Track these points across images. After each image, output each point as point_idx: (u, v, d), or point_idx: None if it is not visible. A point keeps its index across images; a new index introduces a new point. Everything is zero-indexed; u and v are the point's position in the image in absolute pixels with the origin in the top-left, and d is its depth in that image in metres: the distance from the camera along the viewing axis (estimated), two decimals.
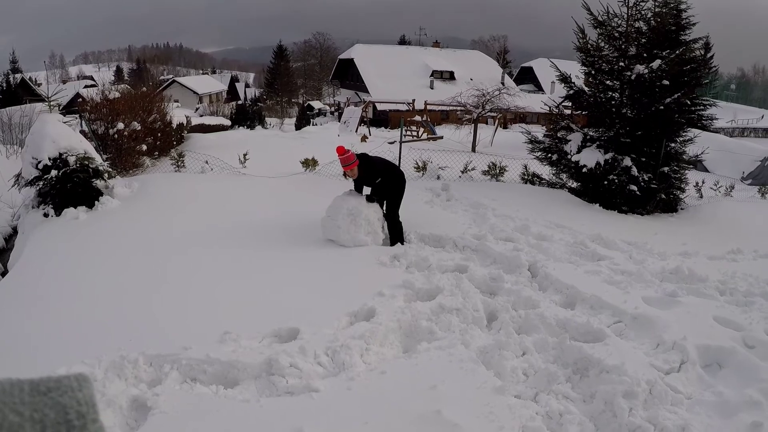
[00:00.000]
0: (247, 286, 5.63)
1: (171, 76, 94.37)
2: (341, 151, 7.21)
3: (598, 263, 6.70)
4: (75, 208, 8.28)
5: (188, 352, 4.14)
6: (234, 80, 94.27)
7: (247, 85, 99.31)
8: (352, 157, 7.19)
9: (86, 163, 8.56)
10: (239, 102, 60.53)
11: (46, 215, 8.13)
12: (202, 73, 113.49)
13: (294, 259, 6.53)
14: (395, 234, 7.43)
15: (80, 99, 20.53)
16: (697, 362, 4.39)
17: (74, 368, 4.04)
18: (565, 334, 4.62)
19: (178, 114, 23.67)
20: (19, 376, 0.64)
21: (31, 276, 6.15)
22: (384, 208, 7.58)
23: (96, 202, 8.55)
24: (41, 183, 8.33)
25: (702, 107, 23.23)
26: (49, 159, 8.29)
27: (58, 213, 8.17)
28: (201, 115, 41.77)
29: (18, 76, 49.40)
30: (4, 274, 7.09)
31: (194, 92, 69.53)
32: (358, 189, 7.62)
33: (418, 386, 3.78)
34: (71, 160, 8.39)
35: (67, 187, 8.30)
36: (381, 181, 7.46)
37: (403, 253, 6.66)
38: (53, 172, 8.24)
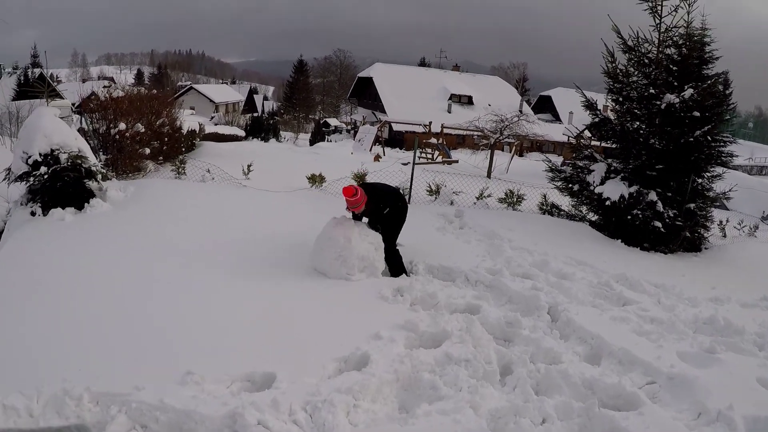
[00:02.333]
0: (222, 316, 4.96)
1: (189, 82, 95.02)
2: (350, 192, 6.47)
3: (625, 308, 6.07)
4: (63, 208, 7.91)
5: (140, 394, 3.53)
6: (252, 92, 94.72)
7: (265, 98, 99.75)
8: (360, 200, 6.52)
9: (78, 162, 8.23)
10: (255, 114, 60.52)
11: (33, 214, 7.82)
12: (221, 83, 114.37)
13: (281, 287, 5.88)
14: (395, 266, 6.83)
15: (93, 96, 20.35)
16: None
17: (9, 399, 3.46)
18: (593, 397, 3.93)
19: (190, 120, 23.50)
20: None
21: (5, 279, 5.63)
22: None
23: (86, 204, 8.18)
24: (31, 179, 8.00)
25: (722, 144, 22.65)
26: (40, 154, 7.96)
27: (45, 212, 7.83)
28: (216, 124, 41.69)
29: (36, 70, 49.62)
30: None
31: (211, 100, 69.85)
32: (356, 216, 6.98)
33: None
34: (63, 157, 8.07)
35: (56, 186, 7.98)
36: (385, 211, 6.86)
37: (408, 287, 6.02)
38: (43, 169, 7.92)
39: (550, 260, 7.41)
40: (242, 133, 35.32)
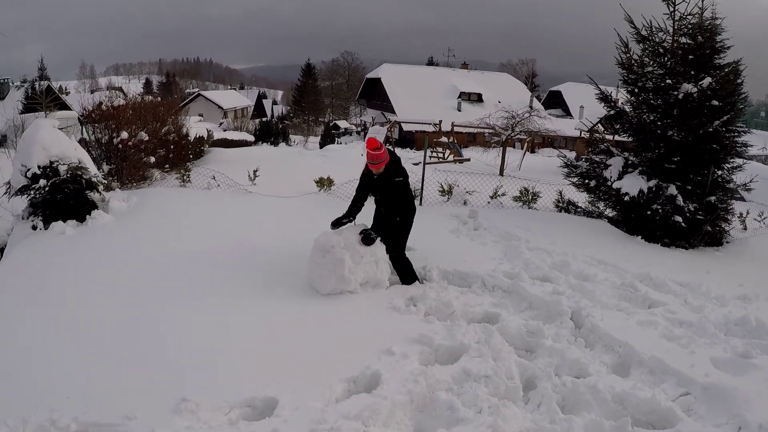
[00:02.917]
0: (220, 336, 4.64)
1: (197, 89, 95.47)
2: (374, 144, 6.19)
3: (652, 311, 5.75)
4: (64, 221, 7.80)
5: (131, 424, 3.30)
6: (261, 97, 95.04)
7: (275, 102, 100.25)
8: (383, 156, 6.19)
9: (79, 173, 8.13)
10: (265, 119, 60.62)
11: (34, 227, 7.71)
12: (230, 88, 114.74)
13: (285, 300, 5.57)
14: (406, 272, 6.38)
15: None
16: None
17: None
18: (626, 415, 3.62)
19: (198, 127, 23.46)
20: None
21: (6, 295, 5.55)
22: (386, 242, 6.37)
23: (87, 216, 8.07)
24: (31, 192, 7.89)
25: (737, 134, 22.26)
26: (39, 167, 7.85)
27: (46, 226, 7.72)
28: (224, 130, 41.68)
29: (44, 83, 50.00)
30: None
31: (219, 106, 70.06)
32: (355, 207, 6.59)
33: None
34: (62, 169, 7.96)
35: (57, 198, 7.89)
36: (390, 202, 6.47)
37: (421, 296, 5.72)
38: (42, 182, 7.82)
39: (570, 261, 7.09)
40: (251, 138, 35.27)
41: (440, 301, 5.54)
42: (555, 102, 64.13)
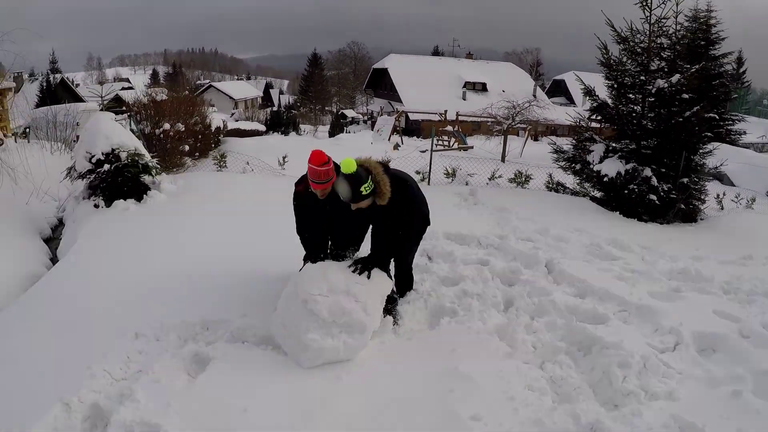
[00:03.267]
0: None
1: (207, 81, 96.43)
2: (321, 158, 4.57)
3: (611, 263, 7.19)
4: (125, 200, 8.84)
5: (242, 320, 4.87)
6: (269, 87, 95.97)
7: (281, 92, 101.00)
8: (330, 173, 4.64)
9: (137, 159, 9.15)
10: (273, 108, 61.73)
11: (96, 206, 8.71)
12: (237, 79, 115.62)
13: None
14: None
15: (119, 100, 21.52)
16: (692, 345, 4.87)
17: (141, 329, 4.75)
18: (573, 317, 5.21)
19: (214, 118, 24.60)
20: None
21: (87, 257, 6.77)
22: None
23: (144, 196, 9.08)
24: (92, 176, 8.91)
25: (731, 122, 23.39)
26: (103, 154, 8.87)
27: (108, 204, 8.74)
28: (237, 120, 42.84)
29: (57, 76, 51.16)
30: (53, 260, 7.64)
31: (230, 97, 71.10)
32: (318, 244, 5.16)
33: (440, 350, 4.45)
34: (123, 155, 8.99)
35: (117, 181, 8.87)
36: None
37: (431, 248, 7.09)
38: (106, 166, 8.83)
39: (551, 228, 8.56)
40: (263, 127, 36.46)
41: (445, 250, 7.00)
42: (559, 90, 65.04)
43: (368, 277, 4.63)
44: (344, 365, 4.23)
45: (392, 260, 5.22)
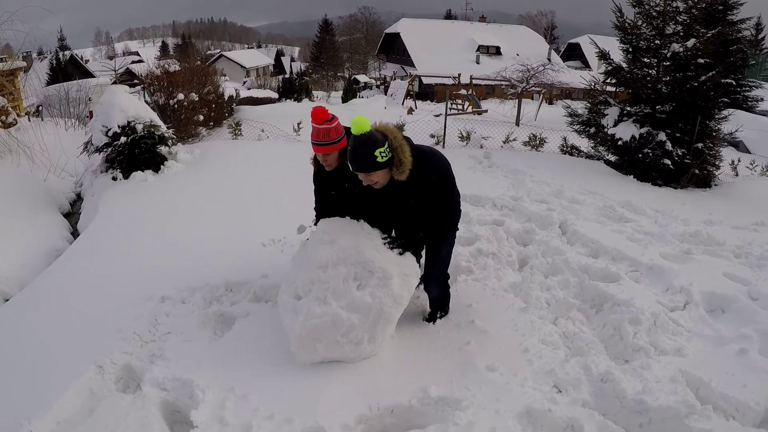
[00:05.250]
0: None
1: (218, 50, 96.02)
2: (321, 115, 3.93)
3: (624, 225, 7.29)
4: (142, 171, 8.97)
5: (263, 280, 5.04)
6: (280, 54, 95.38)
7: (292, 59, 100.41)
8: (333, 133, 3.97)
9: (152, 130, 9.25)
10: (285, 75, 61.48)
11: (114, 179, 8.85)
12: (248, 48, 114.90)
13: None
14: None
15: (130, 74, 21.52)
16: (701, 305, 4.99)
17: (163, 303, 4.90)
18: (585, 276, 5.35)
19: (226, 87, 24.57)
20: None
21: (109, 228, 6.95)
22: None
23: (162, 166, 9.21)
24: (109, 149, 9.03)
25: (747, 88, 23.08)
26: (119, 127, 8.98)
27: (126, 176, 8.88)
28: (249, 89, 42.73)
29: (67, 53, 51.19)
30: (74, 234, 7.78)
31: (242, 66, 70.94)
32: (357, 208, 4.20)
33: (457, 304, 4.60)
34: (139, 127, 9.10)
35: (134, 153, 8.98)
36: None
37: None
38: (122, 139, 8.94)
39: (565, 190, 8.69)
40: (275, 95, 36.37)
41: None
42: (574, 54, 64.16)
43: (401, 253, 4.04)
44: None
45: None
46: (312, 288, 3.88)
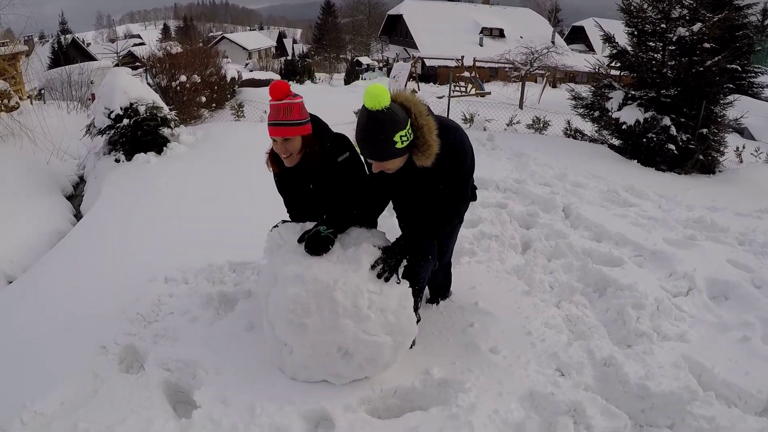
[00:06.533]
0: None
1: (220, 33, 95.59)
2: (282, 90, 3.24)
3: (627, 209, 7.29)
4: (145, 153, 8.96)
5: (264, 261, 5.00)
6: (282, 36, 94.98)
7: (294, 41, 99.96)
8: (297, 112, 3.25)
9: (155, 111, 9.24)
10: (288, 57, 61.28)
11: (117, 161, 8.84)
12: (250, 30, 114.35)
13: None
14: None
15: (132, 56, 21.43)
16: (704, 291, 4.95)
17: (170, 273, 4.94)
18: (589, 260, 5.33)
19: (228, 69, 24.53)
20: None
21: (112, 209, 6.95)
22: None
23: (164, 148, 9.20)
24: (112, 131, 9.04)
25: (753, 74, 22.96)
26: (121, 109, 8.98)
27: (128, 158, 8.89)
28: (251, 70, 42.72)
29: (69, 36, 51.09)
30: (77, 216, 7.81)
31: (243, 48, 70.72)
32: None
33: (460, 286, 4.58)
34: (141, 109, 9.07)
35: (137, 135, 8.98)
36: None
37: None
38: (125, 121, 8.93)
39: (568, 173, 8.64)
40: (278, 77, 36.39)
41: None
42: (578, 37, 63.76)
43: (398, 281, 3.29)
44: None
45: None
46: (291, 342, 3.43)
